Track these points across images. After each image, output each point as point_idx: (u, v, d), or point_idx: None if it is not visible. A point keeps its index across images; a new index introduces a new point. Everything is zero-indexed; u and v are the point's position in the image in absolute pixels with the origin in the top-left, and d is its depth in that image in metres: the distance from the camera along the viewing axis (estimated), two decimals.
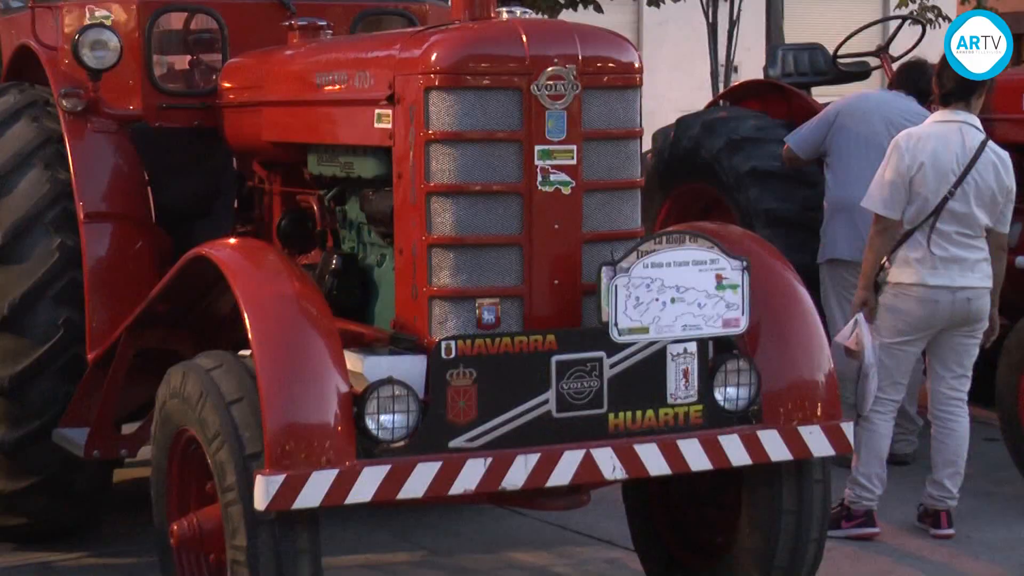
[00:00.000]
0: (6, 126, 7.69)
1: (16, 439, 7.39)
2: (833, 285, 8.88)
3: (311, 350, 5.57)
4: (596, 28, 6.13)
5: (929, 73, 9.03)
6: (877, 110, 9.02)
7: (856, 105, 9.14)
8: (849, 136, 8.96)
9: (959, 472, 7.91)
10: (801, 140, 9.30)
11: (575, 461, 5.66)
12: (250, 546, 5.41)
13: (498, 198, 5.79)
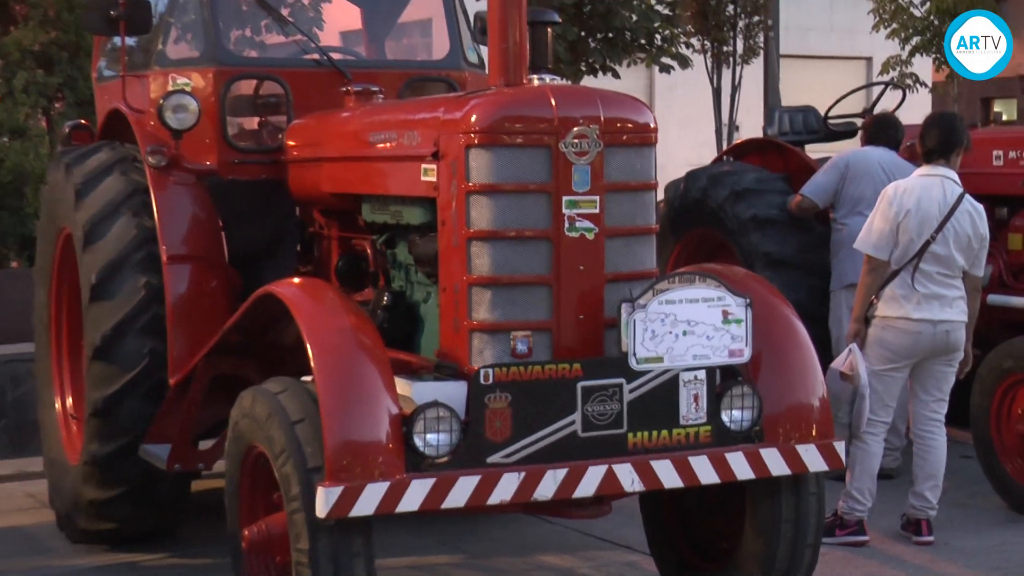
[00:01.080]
0: (99, 179, 7.71)
1: (107, 454, 7.40)
2: (848, 308, 8.83)
3: (366, 376, 5.59)
4: (617, 93, 6.15)
5: (899, 126, 9.08)
6: (878, 163, 9.05)
7: (861, 159, 9.17)
8: (859, 184, 9.00)
9: (938, 486, 7.90)
10: (819, 189, 9.31)
11: (598, 475, 5.66)
12: (312, 549, 5.44)
13: (530, 242, 5.79)
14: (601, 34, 17.68)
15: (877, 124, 9.58)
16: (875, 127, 9.55)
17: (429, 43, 8.45)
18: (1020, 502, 8.43)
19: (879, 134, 9.37)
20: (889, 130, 9.35)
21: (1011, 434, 8.50)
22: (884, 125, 9.47)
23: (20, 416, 10.79)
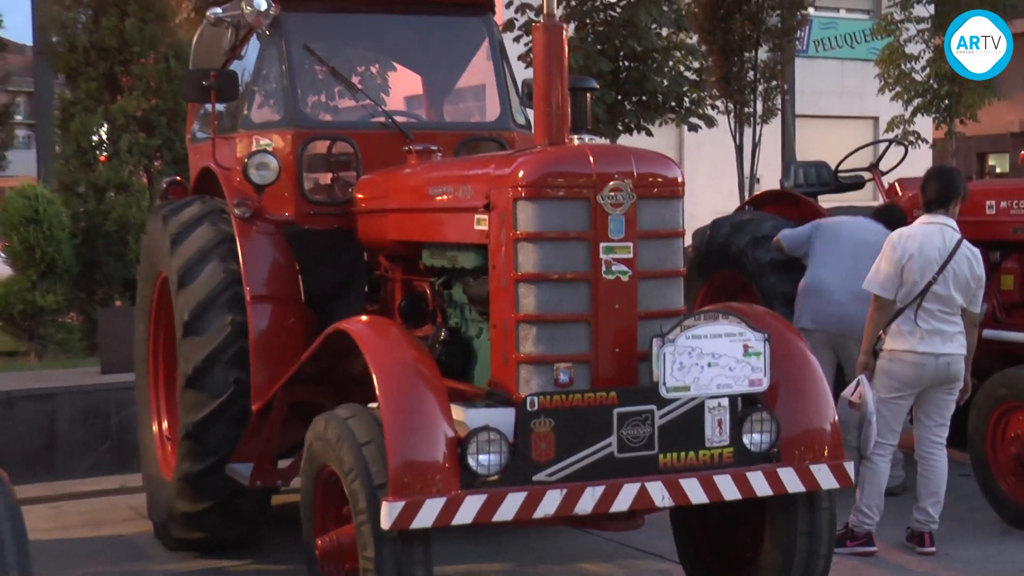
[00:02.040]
0: (192, 229, 7.75)
1: (197, 472, 7.42)
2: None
3: (425, 403, 5.60)
4: (648, 151, 6.12)
5: (898, 216, 9.00)
6: (845, 229, 8.97)
7: (830, 225, 9.08)
8: (823, 245, 8.92)
9: (940, 502, 7.84)
10: (790, 240, 9.27)
11: (632, 492, 5.64)
12: (377, 557, 5.45)
13: (571, 284, 5.78)
14: (636, 97, 17.68)
15: (882, 210, 9.48)
16: (880, 211, 9.45)
17: (482, 106, 8.47)
18: (1014, 516, 8.35)
19: (880, 216, 9.26)
20: (894, 215, 9.21)
21: (1005, 455, 8.42)
22: (889, 211, 9.37)
23: (123, 437, 10.82)
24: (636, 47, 17.39)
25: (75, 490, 10.24)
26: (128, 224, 14.18)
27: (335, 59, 8.28)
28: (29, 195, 13.95)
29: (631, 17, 17.30)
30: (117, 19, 14.67)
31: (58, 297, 13.99)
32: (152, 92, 14.76)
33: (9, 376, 12.22)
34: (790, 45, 20.25)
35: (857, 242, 8.74)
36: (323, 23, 8.22)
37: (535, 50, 6.30)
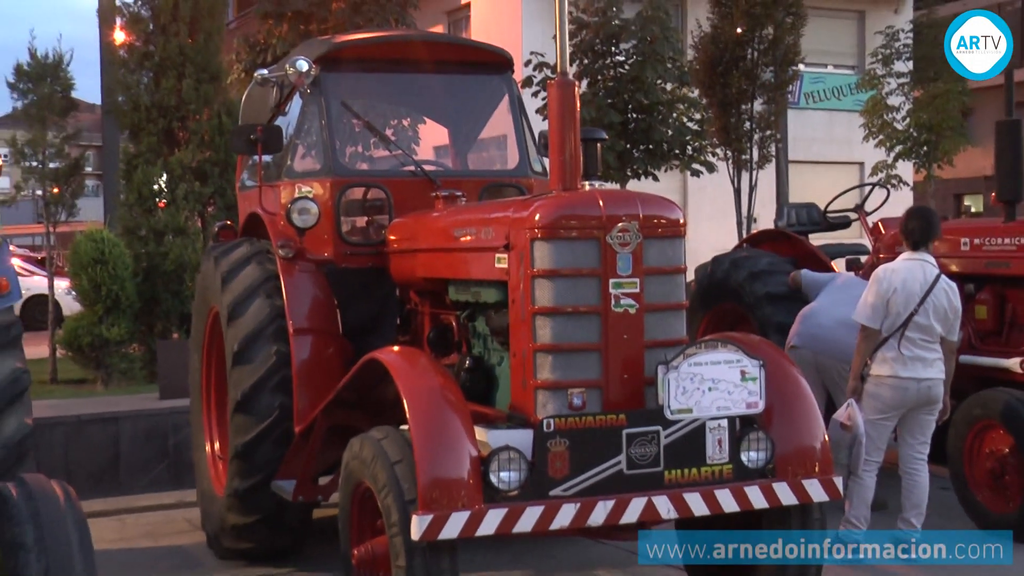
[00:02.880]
0: (241, 268, 7.77)
1: (246, 488, 7.42)
2: None
3: (450, 426, 5.60)
4: (652, 195, 6.14)
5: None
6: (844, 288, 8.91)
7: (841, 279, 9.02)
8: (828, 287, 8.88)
9: (922, 513, 7.81)
10: (808, 280, 9.21)
11: (640, 505, 5.63)
12: (408, 566, 5.45)
13: (583, 316, 5.78)
14: (643, 146, 17.68)
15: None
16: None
17: (503, 155, 8.47)
18: (987, 524, 8.25)
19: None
20: None
21: (980, 470, 8.39)
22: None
23: (179, 456, 10.84)
24: (643, 101, 17.41)
25: (136, 504, 10.27)
26: (184, 264, 14.23)
27: (370, 114, 8.32)
28: (96, 238, 14.03)
29: (638, 74, 17.37)
30: (175, 80, 14.77)
31: (122, 330, 14.04)
32: (206, 145, 14.83)
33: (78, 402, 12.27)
34: (783, 98, 20.26)
35: (854, 282, 8.75)
36: (358, 82, 8.25)
37: (550, 104, 6.32)
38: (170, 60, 14.78)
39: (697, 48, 19.76)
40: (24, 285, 20.35)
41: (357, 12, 17.12)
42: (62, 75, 15.77)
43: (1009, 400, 8.18)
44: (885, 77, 24.00)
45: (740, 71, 19.14)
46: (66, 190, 15.99)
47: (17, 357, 6.61)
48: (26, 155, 15.72)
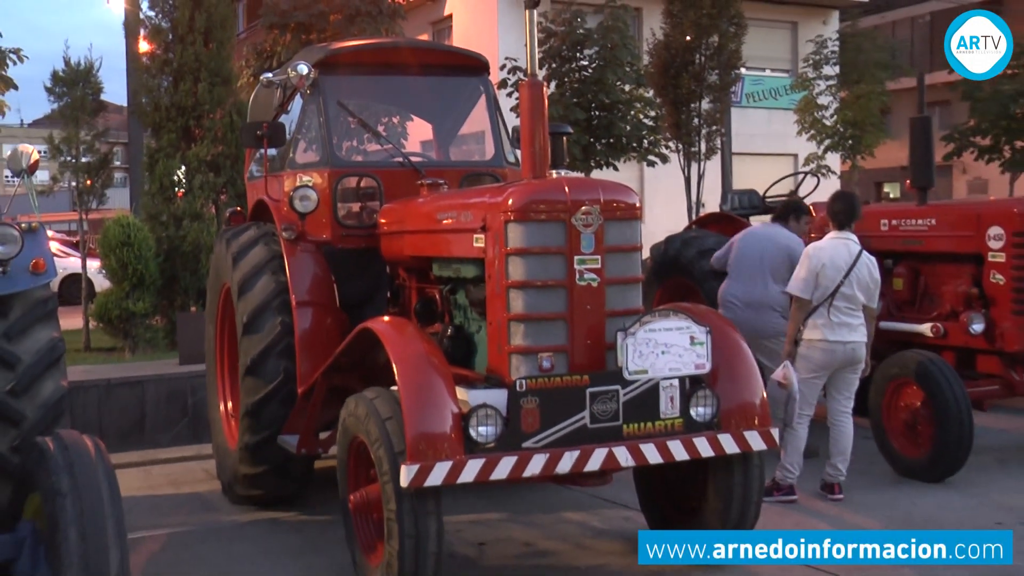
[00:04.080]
0: (249, 249, 7.73)
1: (255, 442, 7.40)
2: None
3: (435, 386, 5.58)
4: (612, 182, 6.11)
5: (796, 208, 8.94)
6: (749, 248, 8.83)
7: (739, 244, 8.94)
8: (734, 262, 8.86)
9: (846, 459, 7.84)
10: (716, 259, 9.23)
11: (602, 455, 5.63)
12: (398, 510, 5.44)
13: (551, 289, 5.76)
14: (605, 140, 17.67)
15: (782, 208, 9.35)
16: (782, 208, 9.33)
17: (481, 148, 8.42)
18: (904, 469, 8.35)
19: (780, 216, 9.16)
20: (790, 211, 9.14)
21: (897, 421, 8.41)
22: (786, 208, 9.23)
23: (197, 414, 10.81)
24: (604, 100, 17.39)
25: (160, 457, 10.25)
26: (200, 246, 14.20)
27: (363, 112, 8.26)
28: (123, 224, 14.01)
29: (600, 76, 17.37)
30: (191, 84, 14.70)
31: (146, 304, 14.01)
32: (219, 141, 14.78)
33: (108, 367, 12.23)
34: (727, 98, 20.22)
35: (755, 260, 8.71)
36: (353, 84, 8.19)
37: (521, 103, 6.30)
38: (187, 66, 14.72)
39: (652, 54, 19.70)
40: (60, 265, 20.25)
41: (352, 23, 17.07)
42: (92, 80, 15.74)
43: (922, 360, 8.20)
44: (815, 80, 24.02)
45: (689, 74, 19.11)
46: (97, 181, 15.94)
47: (54, 328, 6.54)
48: (61, 151, 15.70)
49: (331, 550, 6.73)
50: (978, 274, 8.86)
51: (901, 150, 17.35)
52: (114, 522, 3.88)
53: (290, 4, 17.63)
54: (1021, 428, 10.05)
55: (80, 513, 3.82)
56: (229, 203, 14.08)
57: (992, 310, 8.70)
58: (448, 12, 28.01)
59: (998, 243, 8.70)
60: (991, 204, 9.87)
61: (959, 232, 9.03)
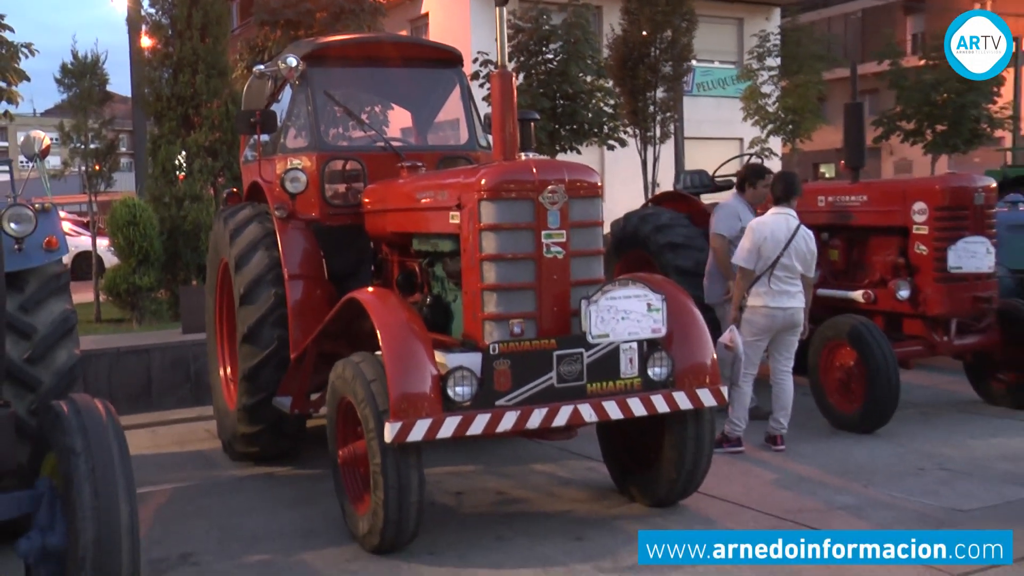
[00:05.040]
0: (245, 227, 7.66)
1: (252, 404, 7.36)
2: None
3: (415, 351, 5.55)
4: (576, 163, 6.08)
5: (754, 173, 8.86)
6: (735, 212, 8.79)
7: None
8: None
9: (788, 413, 7.87)
10: None
11: (568, 412, 5.63)
12: (383, 463, 5.43)
13: (521, 261, 5.74)
14: (569, 126, 17.66)
15: (742, 173, 9.24)
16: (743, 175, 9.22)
17: (456, 133, 8.36)
18: (839, 422, 8.41)
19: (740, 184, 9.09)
20: (745, 179, 9.02)
21: (832, 379, 8.46)
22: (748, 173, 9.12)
23: (199, 379, 10.73)
24: (568, 90, 17.38)
25: (165, 419, 10.18)
26: (200, 225, 14.08)
27: (347, 101, 8.17)
28: (129, 205, 13.86)
29: (564, 68, 17.36)
30: (190, 76, 14.54)
31: (151, 279, 13.88)
32: (216, 128, 14.62)
33: (117, 336, 12.12)
34: (679, 87, 20.18)
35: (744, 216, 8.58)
36: (339, 75, 8.10)
37: (493, 93, 6.26)
38: (186, 59, 14.55)
39: (611, 48, 19.63)
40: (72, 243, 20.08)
41: (337, 20, 16.95)
42: (99, 72, 15.59)
43: (854, 324, 8.24)
44: (759, 71, 24.04)
45: (645, 66, 19.04)
46: (104, 166, 15.83)
47: (67, 301, 6.51)
48: (71, 138, 15.56)
49: (322, 501, 6.71)
50: (904, 245, 8.91)
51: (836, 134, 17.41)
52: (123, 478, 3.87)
53: (280, 2, 17.48)
54: (942, 384, 10.14)
55: (92, 470, 3.81)
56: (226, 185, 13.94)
57: (916, 278, 8.76)
58: (425, 10, 27.91)
59: (922, 217, 8.74)
60: (915, 182, 9.91)
61: (887, 207, 9.06)
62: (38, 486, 4.18)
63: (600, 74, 18.47)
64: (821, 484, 6.87)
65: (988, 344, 8.93)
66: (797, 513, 6.22)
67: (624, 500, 6.60)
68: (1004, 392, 9.05)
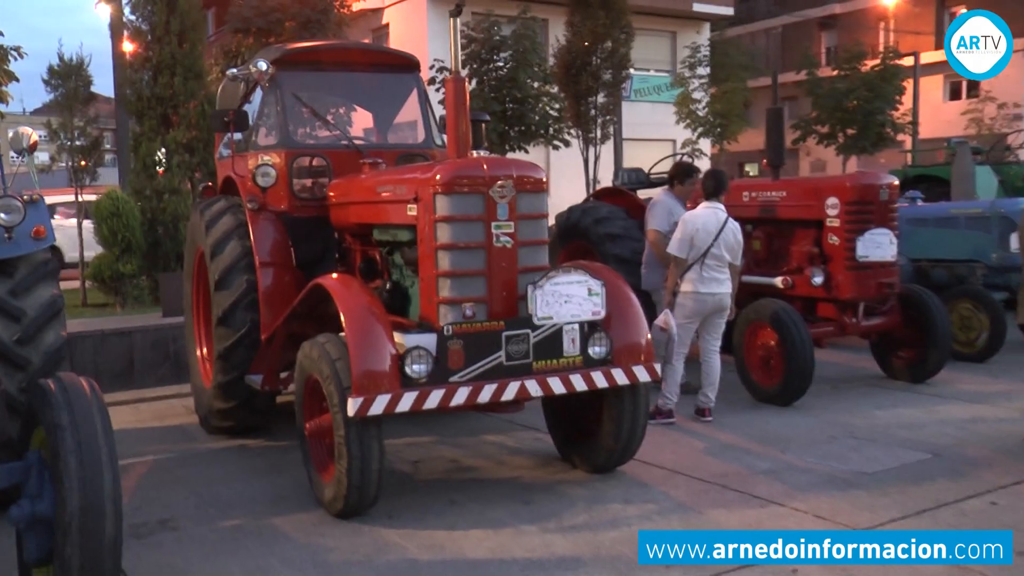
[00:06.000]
0: (219, 218, 7.55)
1: (227, 381, 7.27)
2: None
3: (376, 332, 5.49)
4: (524, 160, 6.04)
5: (682, 171, 8.83)
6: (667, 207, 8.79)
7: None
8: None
9: (715, 388, 7.91)
10: None
11: (516, 387, 5.61)
12: (346, 435, 5.38)
13: (473, 250, 5.71)
14: (517, 128, 17.65)
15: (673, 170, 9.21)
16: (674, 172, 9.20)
17: (413, 133, 8.30)
18: (761, 396, 8.46)
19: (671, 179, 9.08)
20: (675, 177, 8.95)
21: (754, 357, 8.52)
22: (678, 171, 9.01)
23: (178, 359, 10.57)
24: (517, 95, 17.36)
25: (147, 396, 10.00)
26: (178, 216, 13.86)
27: (314, 102, 8.07)
28: (113, 198, 13.64)
29: (513, 75, 17.34)
30: (169, 78, 14.28)
31: (133, 266, 13.66)
32: (193, 127, 14.39)
33: (102, 320, 11.92)
34: (618, 93, 20.18)
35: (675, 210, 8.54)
36: (306, 79, 7.99)
37: (447, 96, 6.23)
38: (164, 63, 14.28)
39: (556, 57, 19.59)
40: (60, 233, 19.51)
41: (304, 29, 16.74)
42: (83, 74, 15.26)
43: (775, 307, 8.30)
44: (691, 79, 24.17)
45: (587, 73, 19.04)
46: (90, 162, 15.51)
47: (54, 286, 6.41)
48: (59, 135, 15.24)
49: (291, 470, 6.65)
50: (818, 236, 8.99)
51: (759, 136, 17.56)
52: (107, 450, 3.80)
53: (252, 11, 17.24)
54: (851, 362, 10.26)
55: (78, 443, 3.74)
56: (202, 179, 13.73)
57: (829, 266, 8.84)
58: (386, 21, 27.75)
59: (834, 211, 8.82)
60: (829, 180, 10.00)
61: (804, 202, 9.13)
62: (28, 458, 4.12)
63: (546, 80, 18.45)
64: (744, 451, 6.92)
65: (891, 325, 9.05)
66: (722, 477, 6.27)
67: (567, 467, 6.61)
68: (904, 368, 9.19)
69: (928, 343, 8.93)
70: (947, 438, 7.11)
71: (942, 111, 36.79)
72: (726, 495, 5.91)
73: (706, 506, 5.71)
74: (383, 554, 5.12)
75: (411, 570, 4.89)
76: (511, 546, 5.17)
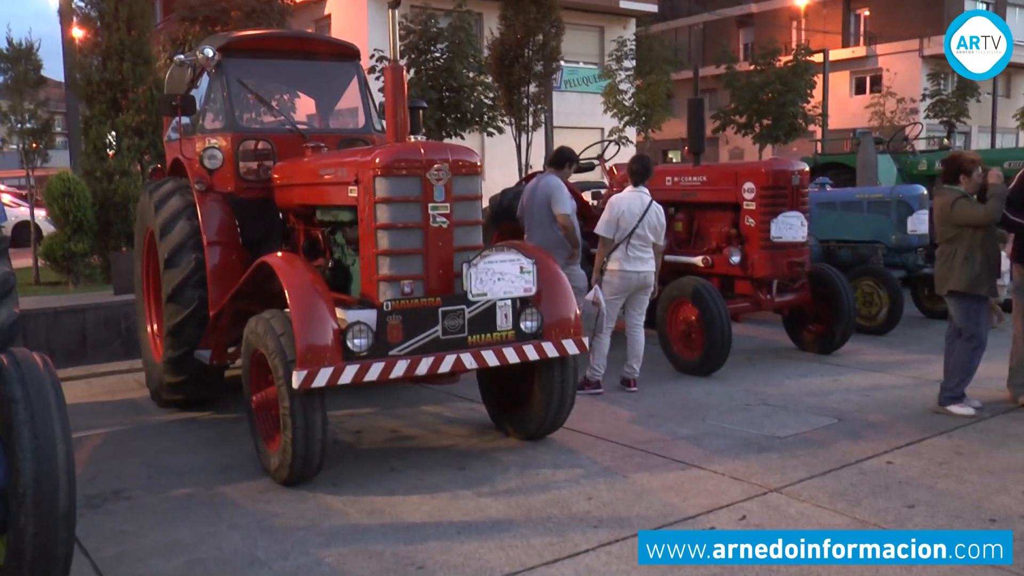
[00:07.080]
0: (168, 199, 7.38)
1: (177, 356, 7.13)
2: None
3: (319, 308, 5.42)
4: (459, 145, 5.99)
5: (562, 157, 8.59)
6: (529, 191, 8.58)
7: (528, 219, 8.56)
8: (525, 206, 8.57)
9: (639, 360, 7.95)
10: None
11: (452, 360, 5.58)
12: (292, 406, 5.31)
13: (410, 230, 5.65)
14: (453, 115, 17.50)
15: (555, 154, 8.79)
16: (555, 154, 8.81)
17: (354, 119, 8.17)
18: (682, 367, 8.54)
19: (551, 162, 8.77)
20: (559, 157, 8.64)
21: (676, 331, 8.58)
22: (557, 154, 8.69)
23: (129, 335, 10.34)
24: (453, 84, 17.20)
25: (99, 371, 9.76)
26: (129, 197, 13.52)
27: (259, 88, 7.91)
28: (64, 179, 13.25)
29: (450, 65, 17.17)
30: (118, 63, 13.91)
31: (85, 246, 13.30)
32: (142, 111, 14.02)
33: (55, 298, 11.60)
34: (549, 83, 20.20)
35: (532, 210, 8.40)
36: (250, 65, 7.82)
37: (386, 84, 6.18)
38: (113, 49, 13.90)
39: (490, 48, 19.51)
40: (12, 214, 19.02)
41: (249, 18, 16.40)
42: (33, 58, 14.79)
43: (695, 285, 8.37)
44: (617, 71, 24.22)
45: (520, 65, 19.01)
46: (41, 144, 15.07)
47: (6, 264, 6.16)
48: (9, 118, 14.75)
49: (239, 441, 6.55)
50: (736, 219, 9.08)
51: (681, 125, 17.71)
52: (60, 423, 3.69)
53: (198, 1, 16.85)
54: (765, 335, 10.42)
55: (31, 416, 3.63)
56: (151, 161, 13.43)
57: (746, 246, 8.94)
58: (328, 12, 27.34)
59: (750, 195, 8.92)
60: (745, 166, 10.09)
61: (722, 187, 9.21)
62: None
63: (481, 71, 18.33)
64: (666, 419, 6.97)
65: (801, 301, 9.20)
66: (646, 443, 6.32)
67: (500, 435, 6.61)
68: (813, 340, 9.35)
69: (835, 318, 9.10)
70: (850, 404, 7.26)
71: (848, 104, 37.51)
72: (649, 459, 5.96)
73: (630, 470, 5.75)
74: (327, 519, 5.07)
75: (353, 534, 4.85)
76: (448, 510, 5.15)
